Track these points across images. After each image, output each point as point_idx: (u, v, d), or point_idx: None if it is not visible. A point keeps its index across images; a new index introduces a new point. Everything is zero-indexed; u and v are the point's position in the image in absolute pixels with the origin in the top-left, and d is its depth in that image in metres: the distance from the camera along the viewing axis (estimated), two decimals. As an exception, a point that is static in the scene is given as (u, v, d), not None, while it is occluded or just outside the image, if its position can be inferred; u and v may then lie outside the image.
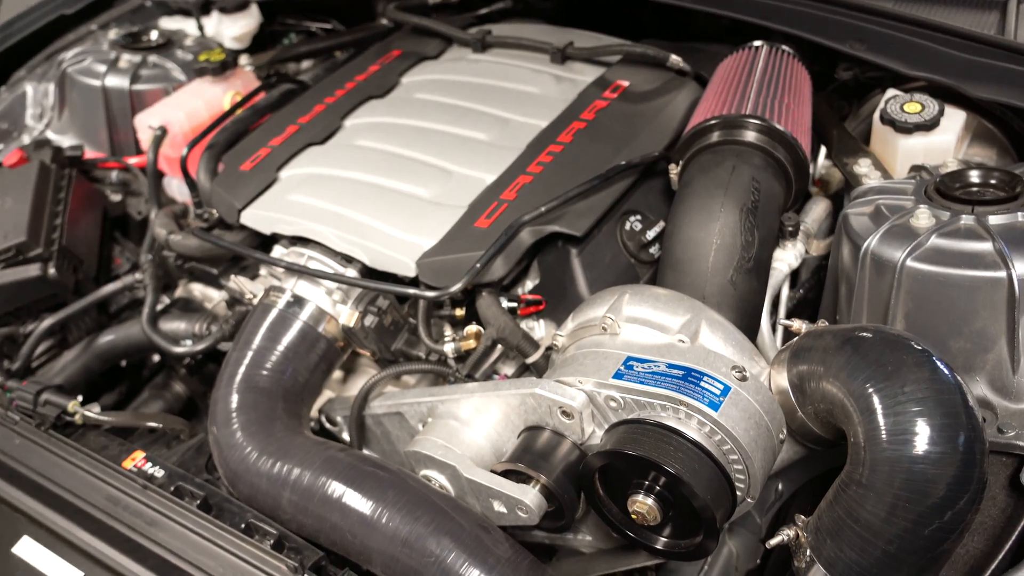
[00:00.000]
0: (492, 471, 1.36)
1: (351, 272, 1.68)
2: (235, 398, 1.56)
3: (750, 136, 1.59)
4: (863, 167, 1.68)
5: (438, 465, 1.41)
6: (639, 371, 1.27)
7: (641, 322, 1.35)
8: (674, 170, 1.65)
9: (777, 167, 1.59)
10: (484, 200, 1.67)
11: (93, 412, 1.67)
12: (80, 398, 1.69)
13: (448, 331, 1.60)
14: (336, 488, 1.38)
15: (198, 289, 2.07)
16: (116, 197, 2.29)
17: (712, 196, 1.51)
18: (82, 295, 1.98)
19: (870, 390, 1.13)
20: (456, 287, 1.51)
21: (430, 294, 1.53)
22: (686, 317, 1.33)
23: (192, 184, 1.97)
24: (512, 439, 1.41)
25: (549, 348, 1.50)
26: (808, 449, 1.33)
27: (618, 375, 1.28)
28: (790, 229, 1.63)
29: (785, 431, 1.28)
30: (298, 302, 1.67)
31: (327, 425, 1.83)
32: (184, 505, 1.38)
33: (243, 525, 1.38)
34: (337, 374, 1.86)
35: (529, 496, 1.31)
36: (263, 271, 1.79)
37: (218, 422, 1.54)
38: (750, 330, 1.49)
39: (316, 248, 1.72)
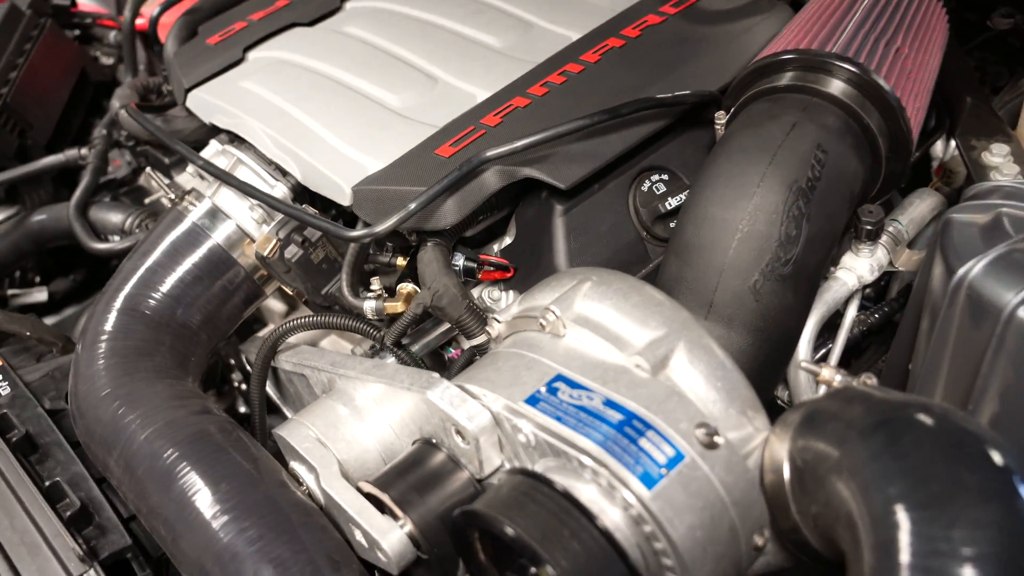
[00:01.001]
0: (359, 489, 0.99)
1: (280, 188, 1.32)
2: (111, 319, 1.25)
3: (832, 85, 1.11)
4: (996, 156, 1.16)
5: (304, 462, 1.05)
6: (563, 400, 0.86)
7: (595, 327, 0.92)
8: (721, 119, 1.19)
9: (861, 136, 1.11)
10: (461, 122, 1.26)
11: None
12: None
13: (376, 284, 1.22)
14: (166, 460, 1.05)
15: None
16: (108, 60, 2.00)
17: (751, 161, 1.05)
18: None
19: (898, 516, 0.69)
20: (381, 228, 1.12)
21: (348, 233, 1.15)
22: (658, 333, 0.90)
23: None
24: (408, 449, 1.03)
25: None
26: (802, 560, 0.89)
27: (533, 399, 0.87)
28: (869, 228, 1.15)
29: (767, 534, 0.85)
30: (214, 216, 1.33)
31: (249, 369, 1.50)
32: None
33: (47, 484, 1.07)
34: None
35: (388, 540, 0.94)
36: (189, 170, 1.45)
37: (85, 341, 1.24)
38: (771, 368, 1.04)
39: (251, 152, 1.36)
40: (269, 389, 1.42)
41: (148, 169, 1.42)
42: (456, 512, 0.85)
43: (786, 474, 0.83)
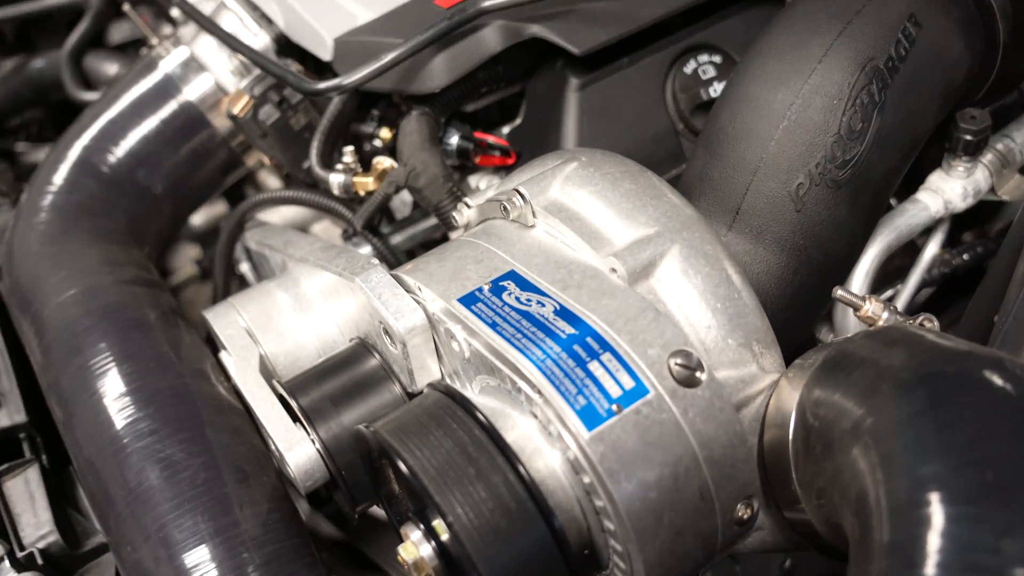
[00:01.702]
0: (275, 389, 0.82)
1: (263, 38, 1.13)
2: (61, 170, 1.10)
3: (940, -60, 0.84)
4: None
5: (227, 354, 0.89)
6: (506, 303, 0.65)
7: (571, 217, 0.71)
8: (792, -16, 0.93)
9: (974, 11, 0.84)
10: (472, -30, 1.04)
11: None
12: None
13: (349, 156, 1.03)
14: (75, 330, 0.90)
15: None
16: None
17: (816, 30, 0.80)
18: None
19: (930, 508, 0.47)
20: (350, 80, 0.93)
21: (311, 85, 0.96)
22: (646, 231, 0.68)
23: None
24: (349, 348, 0.86)
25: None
26: (799, 544, 0.68)
27: (470, 299, 0.67)
28: (968, 138, 0.89)
29: (756, 505, 0.63)
30: (190, 67, 1.16)
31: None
32: None
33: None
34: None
35: (294, 455, 0.77)
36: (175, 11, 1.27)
37: (30, 193, 1.10)
38: (808, 299, 0.81)
39: (240, -5, 1.17)
40: (247, 271, 1.26)
41: (127, 6, 1.26)
42: (355, 430, 0.67)
43: (791, 431, 0.61)
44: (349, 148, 1.03)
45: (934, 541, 0.46)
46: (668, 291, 0.66)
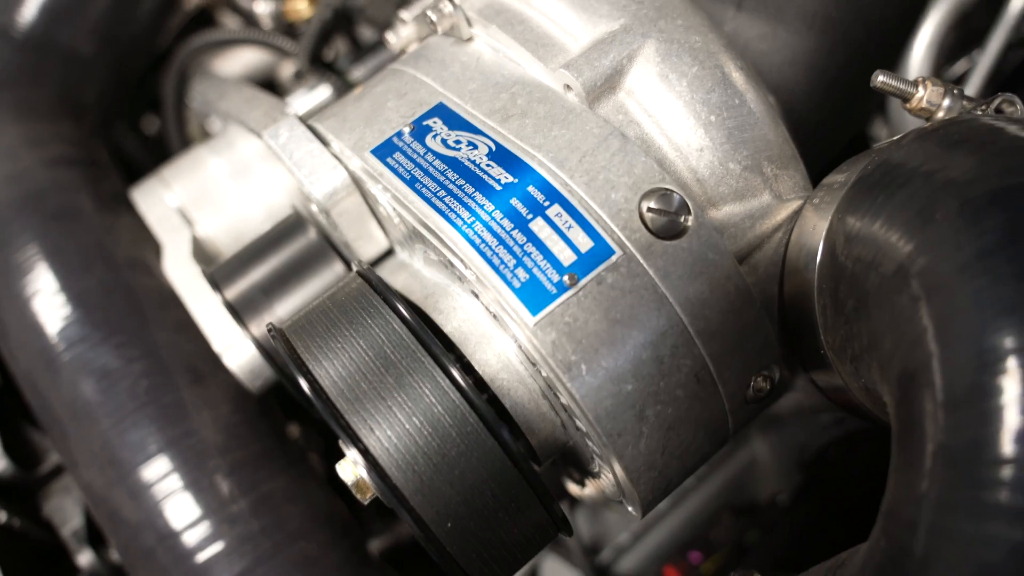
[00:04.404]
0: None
1: None
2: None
3: None
4: None
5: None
6: (429, 149, 0.50)
7: (513, 20, 0.53)
8: None
9: None
10: None
11: None
12: None
13: (279, -21, 0.85)
14: (1, 229, 0.79)
15: None
16: None
17: None
18: None
19: (1005, 397, 0.32)
20: None
21: None
22: (611, 25, 0.50)
23: None
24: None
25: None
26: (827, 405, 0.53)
27: (385, 148, 0.51)
28: None
29: (778, 373, 0.49)
30: None
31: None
32: None
33: None
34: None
35: (232, 356, 0.65)
36: None
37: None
38: (849, 90, 0.61)
39: None
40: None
41: None
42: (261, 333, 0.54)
43: (816, 279, 0.45)
44: (281, -25, 0.84)
45: (1008, 449, 0.31)
46: (643, 107, 0.49)
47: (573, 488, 0.63)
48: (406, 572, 0.79)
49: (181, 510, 0.66)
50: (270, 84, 1.13)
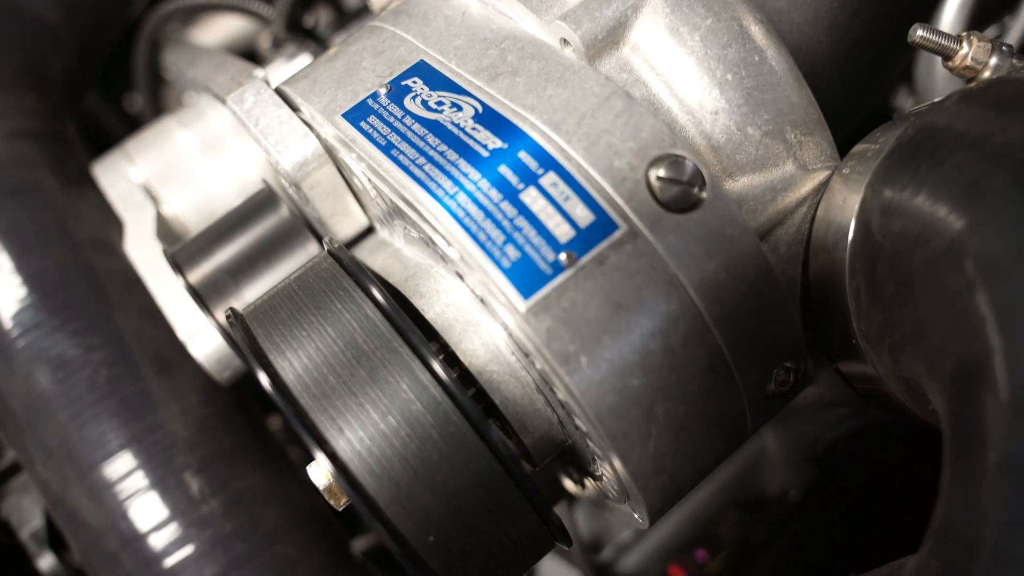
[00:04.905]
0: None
1: None
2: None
3: None
4: None
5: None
6: (408, 111, 0.44)
7: (505, -31, 0.47)
8: None
9: None
10: None
11: None
12: None
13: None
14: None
15: None
16: None
17: None
18: None
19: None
20: None
21: None
22: (612, -29, 0.44)
23: None
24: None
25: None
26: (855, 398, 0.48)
27: (358, 112, 0.46)
28: None
29: (802, 366, 0.43)
30: None
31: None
32: None
33: None
34: None
35: (197, 344, 0.60)
36: None
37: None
38: (877, 56, 0.56)
39: None
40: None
41: None
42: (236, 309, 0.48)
43: (848, 259, 0.40)
44: (251, -74, 0.78)
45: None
46: (650, 64, 0.43)
47: (571, 487, 0.58)
48: (392, 573, 0.74)
49: (146, 511, 0.61)
50: (251, 55, 1.07)
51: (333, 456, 0.37)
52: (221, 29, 1.04)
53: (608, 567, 0.80)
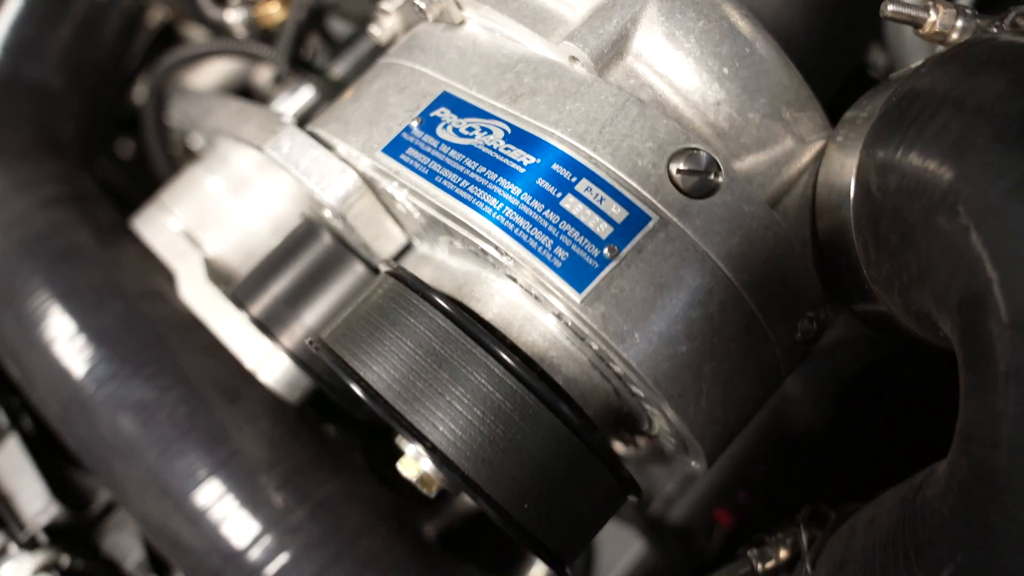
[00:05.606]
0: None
1: None
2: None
3: None
4: None
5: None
6: (443, 140, 0.49)
7: (511, 0, 0.52)
8: None
9: None
10: None
11: None
12: None
13: (249, -16, 0.84)
14: (6, 280, 0.77)
15: None
16: None
17: None
18: None
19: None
20: None
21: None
22: (607, -12, 0.49)
23: None
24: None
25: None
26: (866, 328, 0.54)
27: (397, 146, 0.51)
28: None
29: (823, 314, 0.49)
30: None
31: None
32: None
33: None
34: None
35: (266, 371, 0.65)
36: None
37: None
38: (850, 27, 0.61)
39: None
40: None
41: None
42: (308, 342, 0.54)
43: (852, 215, 0.45)
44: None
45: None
46: (653, 68, 0.48)
47: (620, 448, 0.64)
48: (459, 553, 0.79)
49: (241, 528, 0.66)
50: (245, 91, 1.12)
51: (433, 449, 0.43)
52: (215, 71, 1.08)
53: (659, 519, 0.86)
